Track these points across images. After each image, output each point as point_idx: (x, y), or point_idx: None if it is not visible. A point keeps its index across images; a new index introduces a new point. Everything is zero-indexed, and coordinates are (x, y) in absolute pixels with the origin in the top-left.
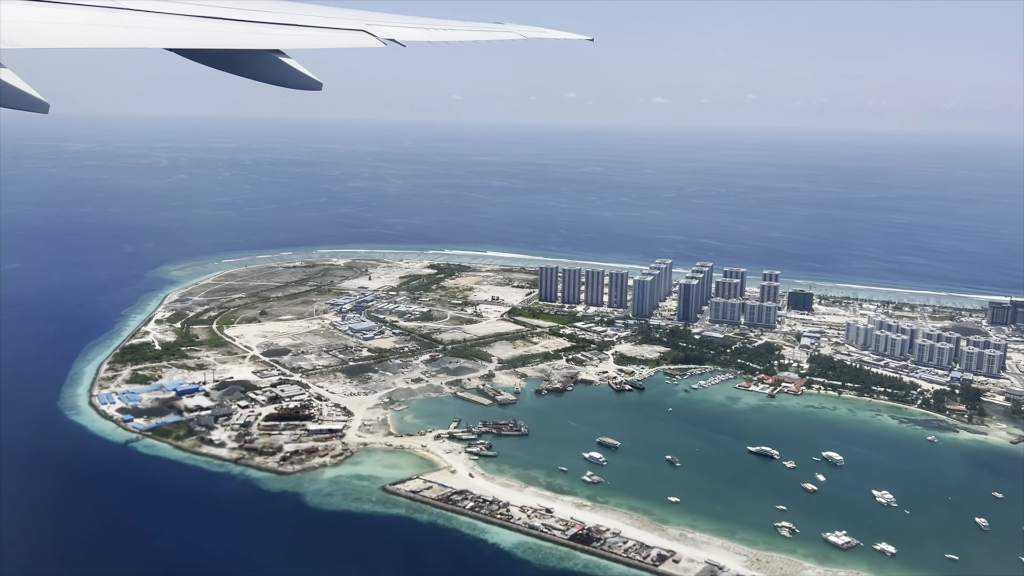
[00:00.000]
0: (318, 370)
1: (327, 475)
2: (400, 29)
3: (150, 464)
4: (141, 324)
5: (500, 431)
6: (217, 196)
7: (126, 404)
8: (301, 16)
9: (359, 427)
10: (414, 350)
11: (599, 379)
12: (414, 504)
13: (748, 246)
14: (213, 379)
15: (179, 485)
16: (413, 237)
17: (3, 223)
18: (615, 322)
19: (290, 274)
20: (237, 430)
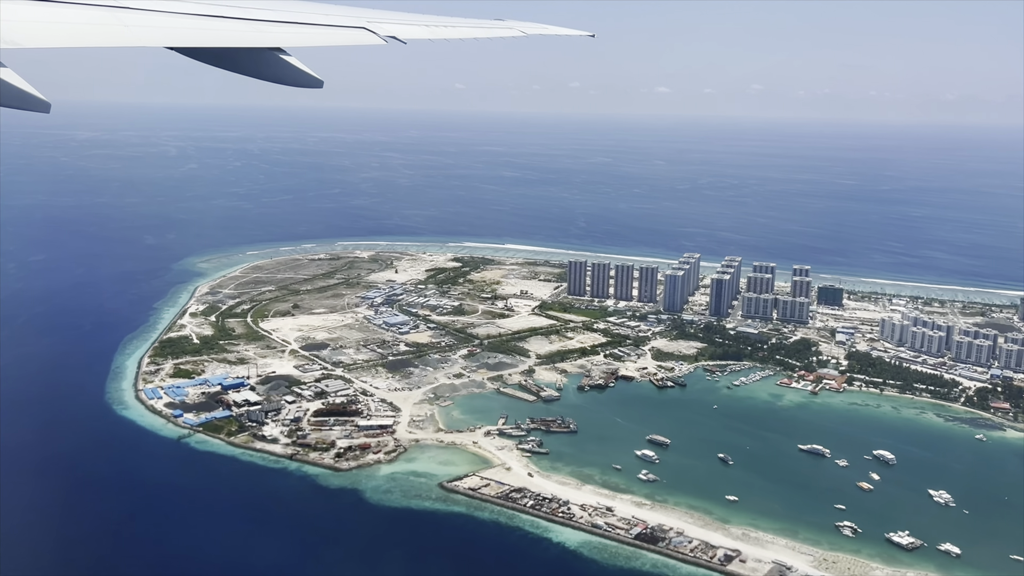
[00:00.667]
0: (359, 365)
1: (383, 472)
2: (401, 26)
3: (206, 460)
4: (175, 317)
5: (549, 428)
6: (231, 187)
7: (173, 399)
8: (302, 14)
9: (408, 423)
10: (451, 345)
11: (639, 375)
12: (473, 502)
13: (768, 239)
14: (256, 373)
15: (238, 482)
16: (432, 230)
17: (21, 213)
18: (647, 317)
19: (316, 267)
20: (288, 425)
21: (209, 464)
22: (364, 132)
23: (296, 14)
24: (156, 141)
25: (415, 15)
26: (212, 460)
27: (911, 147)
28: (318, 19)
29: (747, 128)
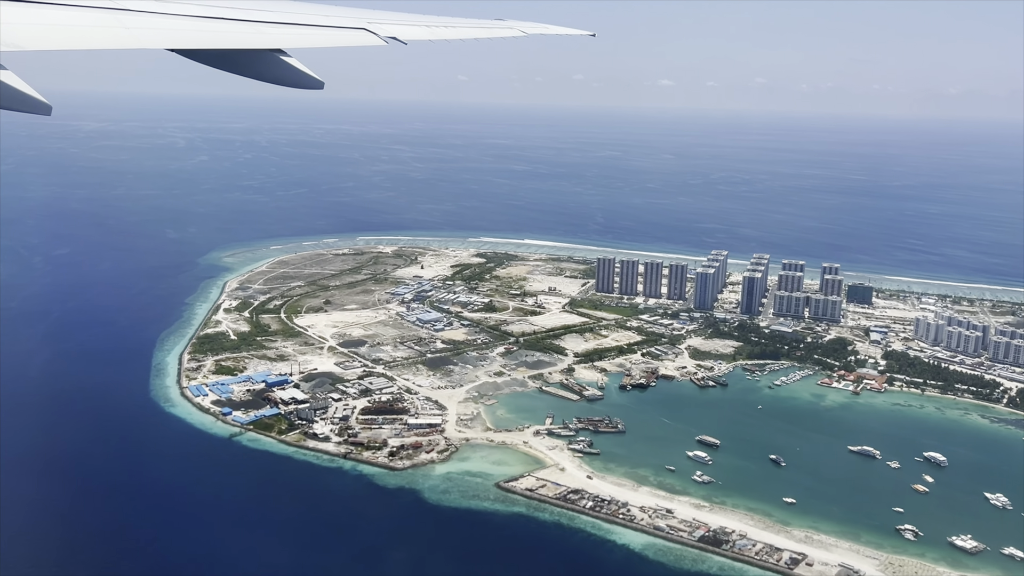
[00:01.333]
0: (398, 362)
1: (438, 471)
2: (401, 27)
3: (260, 459)
4: (209, 313)
5: (597, 428)
6: (244, 179)
7: (219, 396)
8: (302, 15)
9: (456, 422)
10: (487, 342)
11: (680, 374)
12: (532, 502)
13: (787, 236)
14: (298, 371)
15: (296, 481)
16: (450, 224)
17: (39, 206)
18: (679, 315)
19: (341, 262)
20: (337, 423)
21: (264, 463)
22: (369, 124)
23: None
24: (162, 132)
25: (415, 15)
26: (267, 459)
27: (917, 142)
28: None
29: (751, 122)
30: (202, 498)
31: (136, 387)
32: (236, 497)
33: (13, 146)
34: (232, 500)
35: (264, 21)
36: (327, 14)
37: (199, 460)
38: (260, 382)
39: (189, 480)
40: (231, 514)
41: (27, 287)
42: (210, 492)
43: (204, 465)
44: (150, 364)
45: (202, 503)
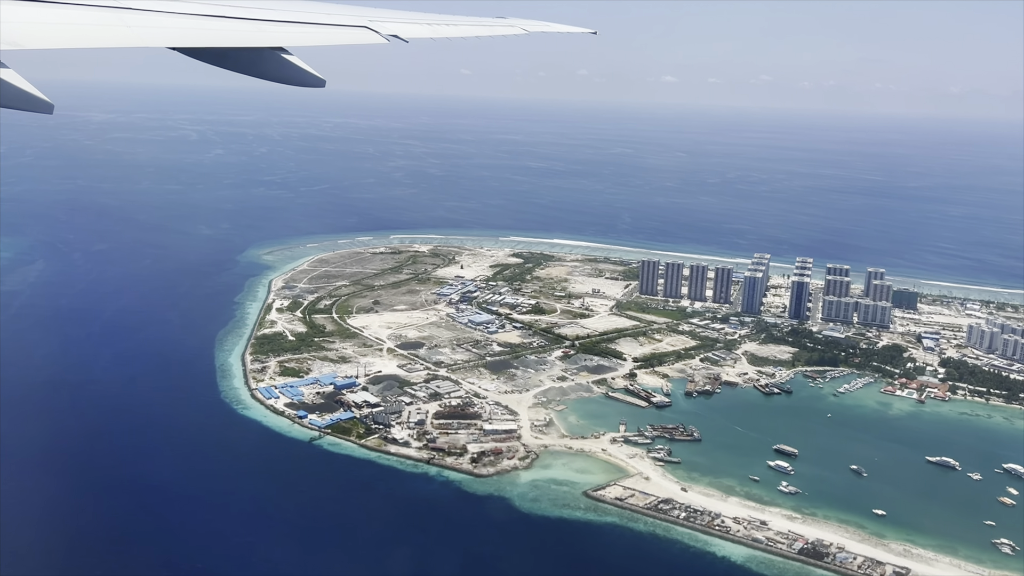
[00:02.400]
0: (459, 365)
1: (523, 478)
2: (402, 25)
3: (344, 464)
4: (262, 312)
5: (673, 436)
6: (264, 174)
7: (291, 398)
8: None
9: (530, 428)
10: (543, 345)
11: (742, 381)
12: (624, 512)
13: (815, 238)
14: (364, 373)
15: (383, 487)
16: (479, 223)
17: (67, 200)
18: (729, 319)
19: (380, 261)
20: (413, 428)
21: (349, 468)
22: (376, 118)
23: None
24: (172, 124)
25: (417, 13)
26: (350, 464)
27: (925, 142)
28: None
29: (754, 119)
30: (295, 505)
31: (205, 389)
32: (329, 504)
33: (28, 137)
34: (325, 507)
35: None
36: (328, 12)
37: (284, 464)
38: (328, 384)
39: (279, 486)
40: (326, 521)
41: (74, 284)
42: (302, 498)
43: (290, 470)
44: (213, 365)
45: (295, 510)
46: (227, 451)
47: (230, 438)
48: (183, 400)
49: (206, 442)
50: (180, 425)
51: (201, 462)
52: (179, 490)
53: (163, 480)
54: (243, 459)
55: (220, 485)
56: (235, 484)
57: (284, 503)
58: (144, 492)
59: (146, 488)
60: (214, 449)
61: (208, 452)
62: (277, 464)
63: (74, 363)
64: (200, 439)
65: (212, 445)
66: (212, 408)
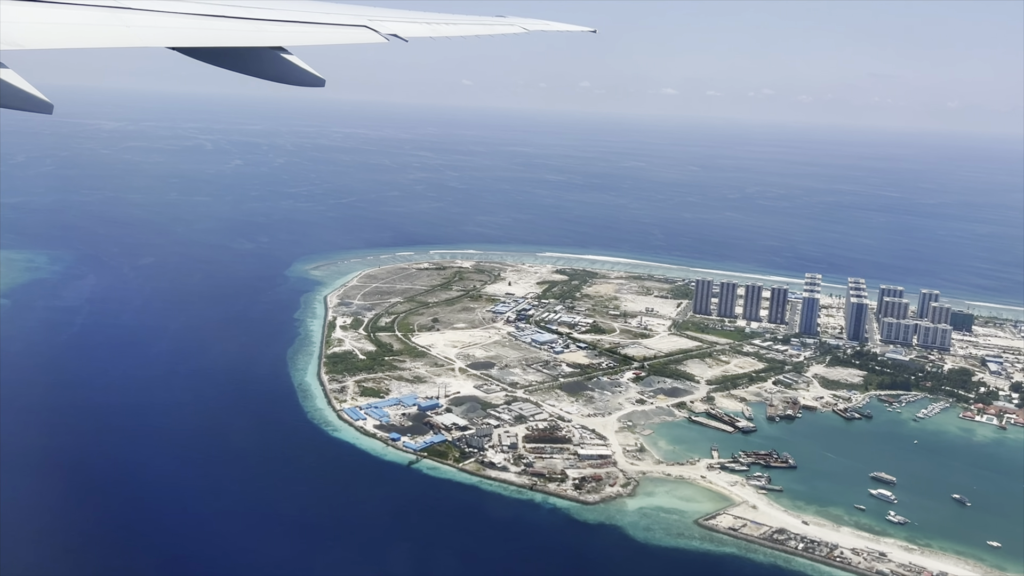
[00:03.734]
0: (534, 386)
1: (630, 506)
2: (402, 24)
3: (448, 489)
4: (325, 330)
5: (768, 463)
6: (287, 186)
7: (378, 420)
8: (303, 13)
9: (623, 453)
10: (612, 366)
11: (820, 405)
12: (740, 542)
13: (849, 257)
14: (444, 394)
15: (493, 514)
16: (513, 238)
17: (99, 211)
18: (790, 340)
19: (427, 277)
20: (506, 452)
21: (453, 494)
22: (384, 128)
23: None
24: (183, 133)
25: (416, 12)
26: (454, 489)
27: (929, 157)
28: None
29: (757, 132)
30: (410, 535)
31: (290, 410)
32: (445, 532)
33: (46, 146)
34: (442, 536)
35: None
36: (328, 11)
37: (388, 490)
38: (412, 406)
39: (388, 513)
40: (447, 550)
41: (131, 299)
42: (415, 527)
43: (396, 496)
44: (291, 384)
45: (412, 539)
46: (329, 477)
47: (328, 462)
48: (273, 423)
49: (306, 467)
50: (277, 450)
51: (308, 489)
52: (299, 518)
53: (280, 509)
54: (347, 485)
55: (334, 513)
56: (347, 513)
57: (396, 532)
58: (265, 521)
59: (266, 517)
60: (316, 474)
61: (311, 478)
62: (380, 489)
63: (153, 385)
64: (299, 464)
65: (313, 470)
66: (302, 431)
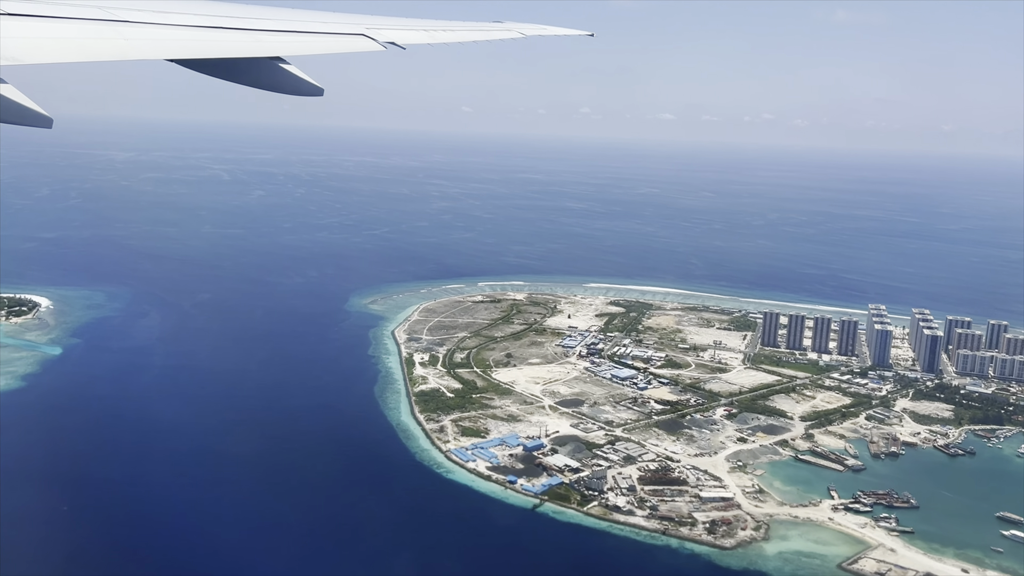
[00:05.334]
0: (630, 424)
1: (768, 550)
2: (399, 32)
3: (579, 534)
4: (404, 367)
5: (890, 503)
6: (317, 217)
7: (487, 461)
8: (300, 22)
9: (742, 494)
10: (701, 403)
11: (919, 441)
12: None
13: (895, 287)
14: (544, 433)
15: (637, 561)
16: (556, 269)
17: (139, 246)
18: (867, 373)
19: (485, 310)
20: (626, 494)
21: (586, 539)
22: (392, 156)
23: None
24: (196, 163)
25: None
26: (585, 534)
27: (935, 180)
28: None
29: (757, 156)
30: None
31: (396, 452)
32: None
33: (66, 178)
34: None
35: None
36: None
37: (520, 536)
38: (516, 446)
39: (524, 561)
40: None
41: (201, 338)
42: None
43: (529, 542)
44: (389, 424)
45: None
46: (460, 524)
47: (451, 506)
48: (385, 466)
49: (434, 514)
50: (397, 495)
51: (444, 537)
52: (446, 568)
53: (426, 559)
54: (481, 532)
55: (474, 562)
56: (486, 562)
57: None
58: (417, 570)
59: (416, 565)
60: (447, 522)
61: (443, 525)
62: (513, 536)
63: (252, 431)
64: (427, 511)
65: (440, 515)
66: (416, 474)
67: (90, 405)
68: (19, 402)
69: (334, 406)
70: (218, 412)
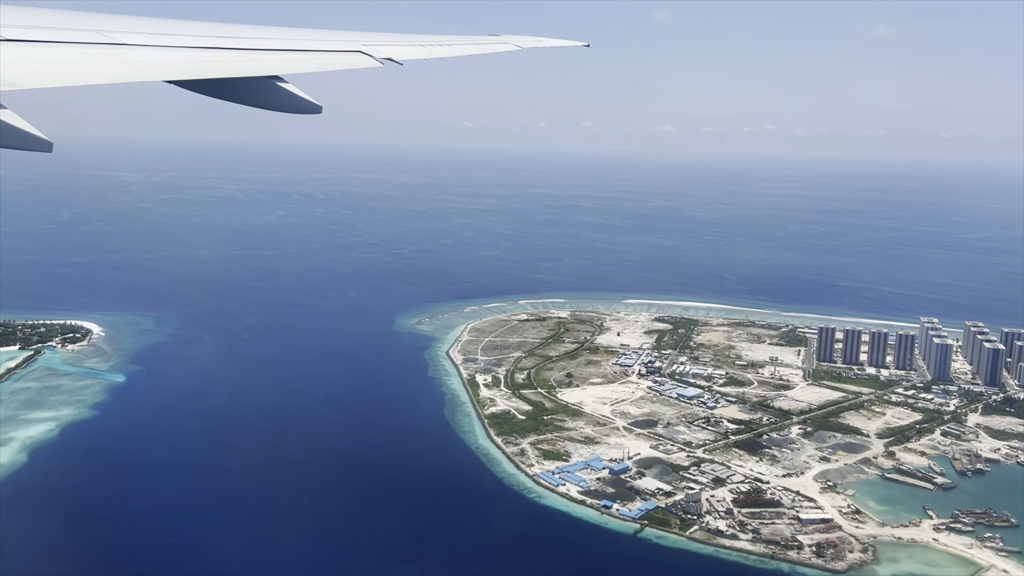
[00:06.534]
0: (708, 444)
1: (881, 574)
2: (396, 48)
3: (691, 560)
4: (468, 388)
5: (990, 522)
6: (340, 237)
7: (577, 485)
8: (298, 41)
9: (839, 515)
10: (774, 421)
11: (1002, 457)
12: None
13: (933, 298)
14: (626, 455)
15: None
16: (591, 286)
17: (176, 269)
18: (931, 388)
19: (532, 329)
20: (724, 517)
21: (700, 565)
22: (399, 173)
23: (292, 41)
24: (208, 184)
25: (410, 36)
26: (696, 560)
27: (942, 188)
28: (314, 45)
29: (759, 167)
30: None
31: (482, 476)
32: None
33: (83, 201)
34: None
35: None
36: (322, 39)
37: (629, 563)
38: (602, 469)
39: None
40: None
41: (262, 365)
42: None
43: (642, 570)
44: (468, 448)
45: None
46: (563, 547)
47: (551, 533)
48: (475, 492)
49: (534, 539)
50: (495, 522)
51: (548, 564)
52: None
53: None
54: (585, 557)
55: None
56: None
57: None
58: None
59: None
60: (548, 547)
61: (546, 552)
62: (620, 562)
63: (340, 464)
64: (527, 536)
65: (542, 542)
66: (508, 498)
67: (169, 436)
68: (98, 431)
69: (409, 431)
70: (298, 441)
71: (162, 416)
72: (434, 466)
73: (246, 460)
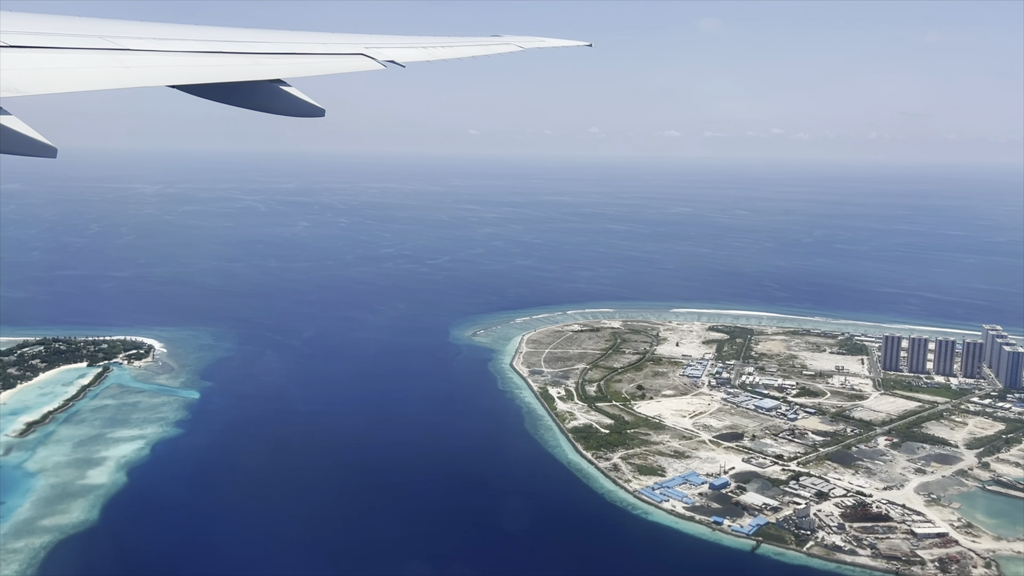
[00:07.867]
0: (800, 457)
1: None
2: (398, 50)
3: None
4: (543, 402)
5: None
6: (371, 248)
7: (681, 501)
8: (300, 44)
9: (952, 529)
10: (858, 433)
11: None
12: None
13: (981, 304)
14: (723, 470)
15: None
16: (635, 295)
17: (221, 283)
18: (1006, 396)
19: (589, 340)
20: (837, 532)
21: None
22: (412, 182)
23: (295, 45)
24: (225, 195)
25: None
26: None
27: (955, 191)
28: (316, 48)
29: (768, 172)
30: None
31: (581, 493)
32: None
33: (108, 214)
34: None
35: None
36: (325, 42)
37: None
38: (702, 484)
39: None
40: None
41: (330, 381)
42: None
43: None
44: (561, 464)
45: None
46: (683, 564)
47: (666, 550)
48: (579, 509)
49: (651, 557)
50: (607, 540)
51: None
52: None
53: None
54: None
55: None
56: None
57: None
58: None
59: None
60: (668, 565)
61: (666, 570)
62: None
63: (431, 485)
64: (644, 554)
65: (659, 560)
66: (612, 515)
67: (262, 457)
68: (188, 447)
69: (495, 448)
70: (391, 464)
71: (249, 435)
72: (531, 485)
73: (348, 485)
